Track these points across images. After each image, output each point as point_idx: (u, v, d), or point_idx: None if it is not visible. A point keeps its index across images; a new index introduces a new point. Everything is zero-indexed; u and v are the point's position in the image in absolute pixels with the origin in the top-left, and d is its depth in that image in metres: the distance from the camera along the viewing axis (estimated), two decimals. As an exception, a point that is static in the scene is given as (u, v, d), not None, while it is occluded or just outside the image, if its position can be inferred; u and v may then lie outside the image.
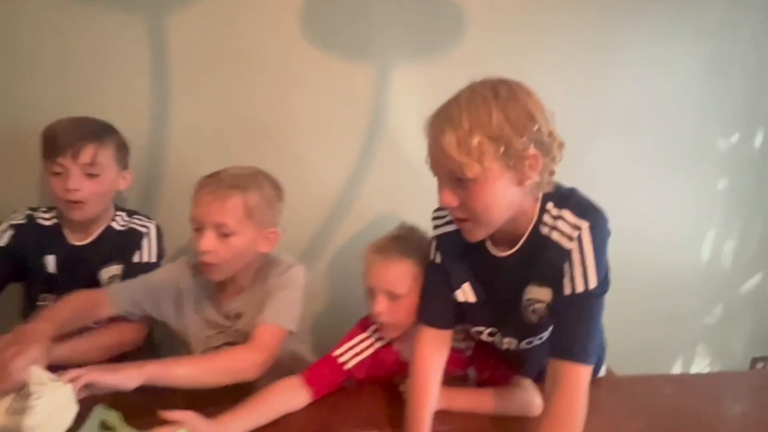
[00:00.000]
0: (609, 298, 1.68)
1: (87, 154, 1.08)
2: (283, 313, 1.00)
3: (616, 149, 1.64)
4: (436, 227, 0.94)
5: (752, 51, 1.64)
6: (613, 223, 1.67)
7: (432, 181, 0.84)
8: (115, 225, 1.21)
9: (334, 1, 1.38)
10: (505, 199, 0.77)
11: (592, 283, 0.77)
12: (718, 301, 1.87)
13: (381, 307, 0.96)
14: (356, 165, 1.50)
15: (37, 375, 0.74)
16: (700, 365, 1.93)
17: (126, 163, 1.21)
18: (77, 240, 1.18)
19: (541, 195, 0.81)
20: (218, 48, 1.36)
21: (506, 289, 0.87)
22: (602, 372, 1.11)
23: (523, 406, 0.94)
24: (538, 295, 0.84)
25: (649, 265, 1.77)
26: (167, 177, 1.42)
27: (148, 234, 1.22)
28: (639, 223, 1.72)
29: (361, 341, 1.03)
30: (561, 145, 0.78)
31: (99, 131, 1.13)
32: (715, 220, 1.79)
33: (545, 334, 0.90)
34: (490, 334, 0.95)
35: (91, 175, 1.10)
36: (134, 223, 1.22)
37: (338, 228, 1.53)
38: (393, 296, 0.96)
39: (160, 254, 1.23)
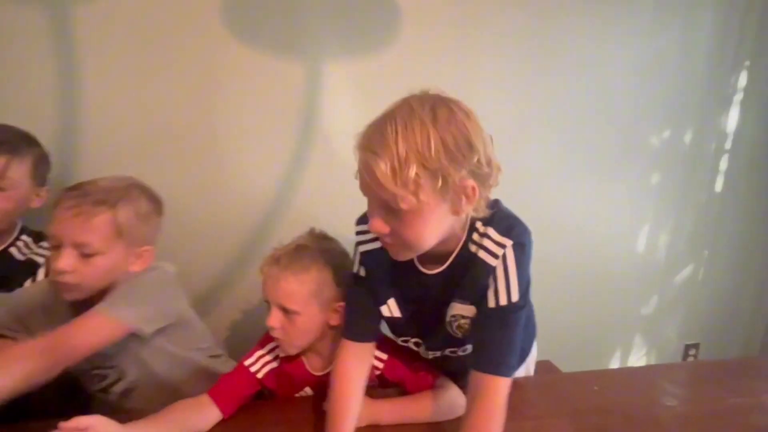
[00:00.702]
0: (551, 294, 1.75)
1: None
2: (119, 304, 0.87)
3: (553, 147, 1.67)
4: (360, 243, 0.90)
5: (679, 52, 1.69)
6: (552, 220, 1.72)
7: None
8: (15, 252, 1.07)
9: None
10: (438, 229, 0.76)
11: (515, 297, 0.79)
12: (653, 293, 1.94)
13: (273, 321, 0.91)
14: (290, 168, 1.44)
15: None
16: (638, 354, 2.00)
17: (44, 179, 1.09)
18: None
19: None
20: (133, 43, 1.27)
21: (432, 305, 0.87)
22: (527, 371, 1.12)
23: (450, 410, 0.93)
24: (463, 311, 0.84)
25: (587, 259, 1.82)
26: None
27: (45, 264, 1.07)
28: (577, 218, 1.76)
29: (272, 350, 0.99)
30: (498, 170, 0.76)
31: (13, 142, 1.02)
32: (649, 214, 1.85)
33: (469, 347, 0.90)
34: (416, 344, 0.95)
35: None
36: (37, 253, 1.08)
37: (273, 234, 1.47)
38: (287, 311, 0.92)
39: None
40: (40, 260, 1.08)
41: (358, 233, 0.90)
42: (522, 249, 0.80)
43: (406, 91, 1.53)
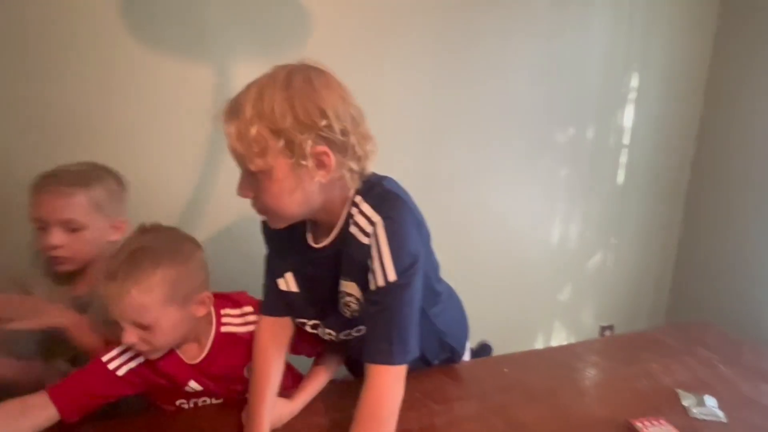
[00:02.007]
0: (477, 284, 1.82)
1: None
2: None
3: (465, 149, 1.75)
4: None
5: (576, 55, 1.83)
6: (471, 218, 1.80)
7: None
8: None
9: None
10: (297, 195, 0.74)
11: (391, 276, 0.74)
12: (568, 280, 2.07)
13: (130, 338, 0.82)
14: (204, 165, 1.42)
15: None
16: (558, 339, 2.13)
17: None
18: None
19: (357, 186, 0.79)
20: (33, 45, 1.21)
21: (324, 281, 0.86)
22: (466, 356, 1.16)
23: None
24: (348, 288, 0.83)
25: (506, 250, 1.92)
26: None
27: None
28: (494, 214, 1.86)
29: None
30: (366, 141, 0.76)
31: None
32: (560, 206, 1.98)
33: (363, 328, 0.89)
34: (313, 327, 0.94)
35: None
36: None
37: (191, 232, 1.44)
38: (142, 327, 0.82)
39: None
40: None
41: None
42: (393, 223, 0.75)
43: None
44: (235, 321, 0.96)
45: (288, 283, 0.90)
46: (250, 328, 0.95)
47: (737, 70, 1.94)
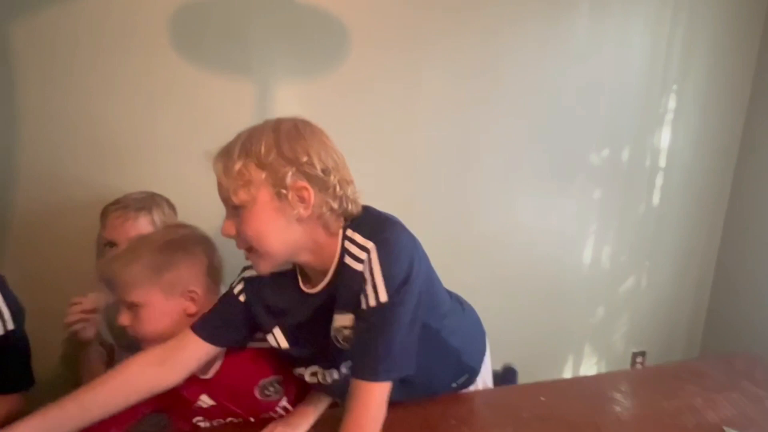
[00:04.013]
0: (506, 305, 1.79)
1: None
2: None
3: (499, 169, 1.74)
4: (247, 267, 0.90)
5: (613, 76, 1.81)
6: (502, 238, 1.78)
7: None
8: None
9: (207, 15, 1.33)
10: (278, 231, 0.76)
11: (383, 297, 0.75)
12: (600, 303, 2.03)
13: (123, 319, 0.90)
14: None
15: None
16: (589, 363, 2.08)
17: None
18: None
19: (343, 223, 0.80)
20: (78, 63, 1.26)
21: (318, 324, 0.84)
22: (480, 384, 1.14)
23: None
24: (343, 321, 0.82)
25: (537, 272, 1.89)
26: (15, 211, 1.29)
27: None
28: (526, 235, 1.84)
29: None
30: (347, 184, 0.79)
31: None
32: (593, 228, 1.94)
33: None
34: (313, 374, 0.91)
35: None
36: None
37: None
38: (132, 306, 0.89)
39: (15, 309, 1.01)
40: None
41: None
42: (386, 244, 0.76)
43: (354, 112, 1.58)
44: None
45: (277, 339, 0.88)
46: (264, 344, 0.93)
47: (780, 92, 1.89)
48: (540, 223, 1.85)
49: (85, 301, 1.06)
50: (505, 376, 1.68)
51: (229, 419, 0.98)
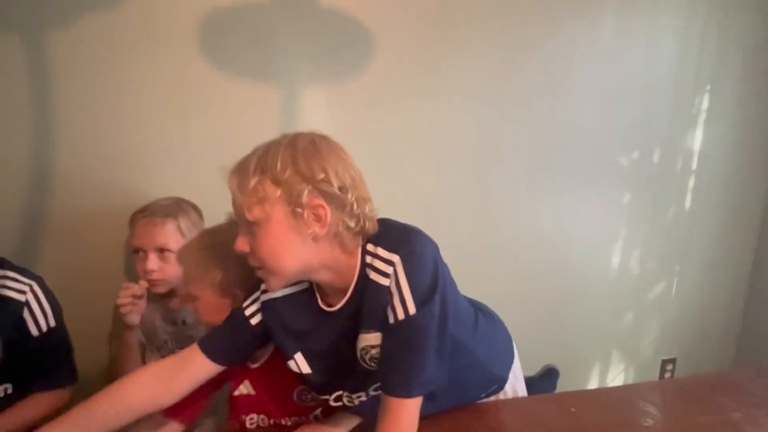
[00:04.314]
0: (531, 311, 1.76)
1: None
2: None
3: (524, 170, 1.71)
4: (264, 291, 0.86)
5: (643, 75, 1.76)
6: (527, 241, 1.75)
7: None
8: None
9: (235, 22, 1.34)
10: (293, 249, 0.74)
11: (411, 309, 0.74)
12: (628, 309, 1.97)
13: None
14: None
15: None
16: (616, 370, 2.03)
17: None
18: None
19: (360, 241, 0.78)
20: (106, 68, 1.27)
21: (341, 347, 0.82)
22: (510, 391, 1.10)
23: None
24: (370, 341, 0.79)
25: (563, 277, 1.85)
26: (52, 213, 1.31)
27: (27, 303, 0.99)
28: (552, 238, 1.80)
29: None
30: (364, 202, 0.76)
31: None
32: (621, 232, 1.89)
33: None
34: (337, 399, 0.89)
35: None
36: (6, 287, 0.98)
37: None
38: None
39: (55, 306, 1.03)
40: (20, 297, 0.98)
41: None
42: (411, 256, 0.75)
43: (379, 115, 1.56)
44: None
45: (299, 365, 0.86)
46: None
47: (821, 92, 1.81)
48: (566, 227, 1.80)
49: (134, 287, 1.11)
50: (547, 377, 1.64)
51: (261, 416, 0.97)
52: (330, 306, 0.82)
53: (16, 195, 1.27)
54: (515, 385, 1.10)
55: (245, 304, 0.87)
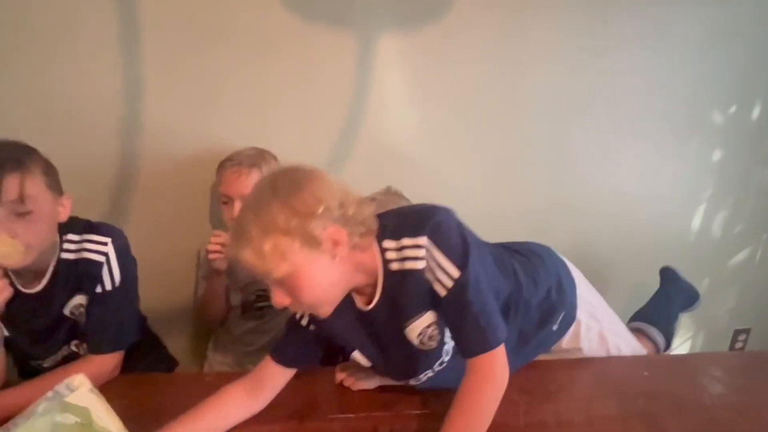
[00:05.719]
0: (602, 270, 1.71)
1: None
2: None
3: (606, 122, 1.61)
4: None
5: (755, 21, 1.57)
6: (605, 196, 1.67)
7: (418, 159, 0.76)
8: (66, 255, 0.99)
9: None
10: (328, 278, 0.76)
11: (455, 273, 0.77)
12: (705, 274, 1.87)
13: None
14: (338, 141, 1.46)
15: None
16: (685, 336, 1.96)
17: (60, 188, 0.96)
18: (29, 288, 0.98)
19: (375, 241, 0.81)
20: (189, 16, 1.30)
21: (391, 340, 0.87)
22: (584, 319, 1.10)
23: None
24: (424, 323, 0.84)
25: (638, 236, 1.77)
26: (143, 161, 1.38)
27: (105, 263, 0.99)
28: (631, 195, 1.72)
29: None
30: (363, 205, 0.78)
31: (17, 157, 0.88)
32: (707, 193, 1.77)
33: (447, 348, 0.89)
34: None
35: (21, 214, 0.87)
36: (87, 249, 0.99)
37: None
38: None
39: (125, 272, 1.01)
40: (99, 258, 0.99)
41: None
42: (437, 230, 0.78)
43: (455, 62, 1.48)
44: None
45: (360, 360, 0.93)
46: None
47: None
48: (646, 184, 1.70)
49: (224, 236, 1.17)
50: (667, 276, 1.60)
51: None
52: (367, 304, 0.85)
53: (110, 142, 1.35)
54: (592, 312, 1.11)
55: (297, 315, 0.92)
